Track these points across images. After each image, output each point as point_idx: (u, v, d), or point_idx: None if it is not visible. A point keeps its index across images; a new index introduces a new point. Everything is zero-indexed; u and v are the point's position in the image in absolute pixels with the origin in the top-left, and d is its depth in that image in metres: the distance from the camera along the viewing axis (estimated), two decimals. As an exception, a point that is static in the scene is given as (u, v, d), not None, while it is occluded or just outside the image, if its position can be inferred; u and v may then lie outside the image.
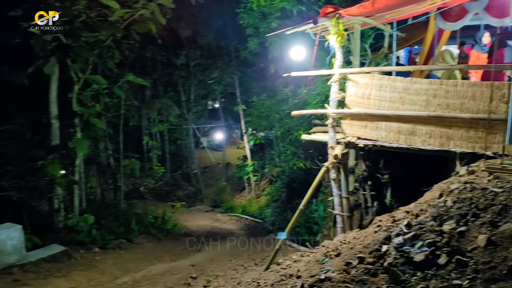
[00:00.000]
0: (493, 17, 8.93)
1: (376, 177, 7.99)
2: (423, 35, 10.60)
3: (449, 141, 5.94)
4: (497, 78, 6.91)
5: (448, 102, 5.86)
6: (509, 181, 4.55)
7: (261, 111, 12.87)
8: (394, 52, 10.16)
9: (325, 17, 6.53)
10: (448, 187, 4.90)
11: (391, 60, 9.98)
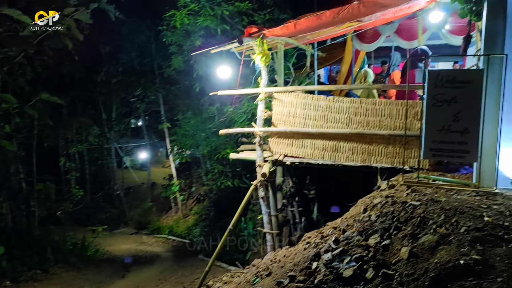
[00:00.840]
0: (403, 39, 9.68)
1: (303, 193, 8.14)
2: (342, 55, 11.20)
3: (370, 156, 6.23)
4: (411, 97, 7.43)
5: (368, 120, 6.17)
6: (425, 194, 4.83)
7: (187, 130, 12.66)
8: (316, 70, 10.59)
9: (250, 37, 6.62)
10: (372, 202, 5.09)
11: (313, 79, 10.37)
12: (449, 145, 5.02)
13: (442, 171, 5.84)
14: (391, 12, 6.66)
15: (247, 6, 9.84)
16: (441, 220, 4.05)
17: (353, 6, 6.29)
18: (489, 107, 4.88)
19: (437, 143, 5.06)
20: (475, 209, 4.24)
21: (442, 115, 4.99)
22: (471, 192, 4.87)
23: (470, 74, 4.99)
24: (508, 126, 4.91)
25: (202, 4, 9.73)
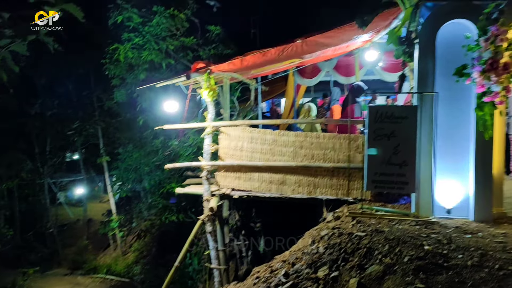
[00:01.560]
0: (341, 75, 10.22)
1: (250, 227, 8.13)
2: (283, 89, 11.59)
3: (316, 189, 6.40)
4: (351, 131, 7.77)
5: (313, 153, 6.36)
6: (370, 225, 5.02)
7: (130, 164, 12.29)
8: (259, 103, 10.83)
9: (197, 72, 6.67)
10: (319, 234, 5.19)
11: (257, 112, 10.59)
12: (390, 177, 5.30)
13: (383, 202, 6.11)
14: (330, 50, 7.02)
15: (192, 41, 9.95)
16: (385, 250, 4.21)
17: (296, 45, 6.59)
18: (424, 141, 5.23)
19: (379, 175, 5.32)
20: (416, 238, 4.46)
21: (383, 148, 5.27)
22: (411, 221, 5.12)
23: (406, 110, 5.34)
24: (441, 159, 5.28)
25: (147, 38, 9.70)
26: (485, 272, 3.65)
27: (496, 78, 4.74)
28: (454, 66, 5.02)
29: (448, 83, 5.16)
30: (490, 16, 4.81)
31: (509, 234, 4.64)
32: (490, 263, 3.80)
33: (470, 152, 5.19)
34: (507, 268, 3.68)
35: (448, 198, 5.26)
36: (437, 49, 5.22)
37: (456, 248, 4.18)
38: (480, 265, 3.78)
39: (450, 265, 3.81)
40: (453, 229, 4.79)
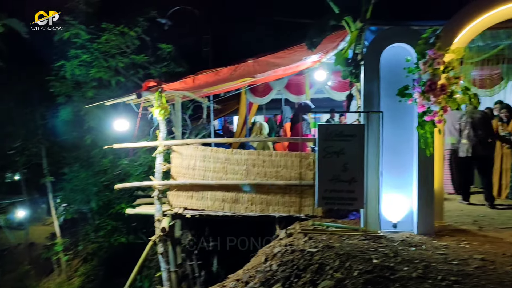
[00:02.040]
0: (292, 94, 10.50)
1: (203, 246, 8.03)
2: (236, 107, 11.72)
3: (268, 206, 6.47)
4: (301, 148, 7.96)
5: (266, 171, 6.44)
6: (321, 241, 5.12)
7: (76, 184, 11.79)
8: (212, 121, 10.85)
9: (148, 90, 6.61)
10: (272, 251, 5.23)
11: (210, 130, 10.59)
12: (339, 193, 5.45)
13: (334, 218, 6.27)
14: (281, 70, 7.20)
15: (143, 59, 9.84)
16: (336, 265, 4.31)
17: (248, 64, 6.71)
18: (371, 158, 5.45)
19: (329, 192, 5.47)
20: (365, 253, 4.60)
21: (332, 165, 5.43)
22: (360, 236, 5.28)
23: (354, 129, 5.56)
24: (388, 175, 5.51)
25: (95, 55, 9.49)
26: (429, 283, 3.82)
27: (435, 99, 5.06)
28: (397, 87, 5.31)
29: (392, 103, 5.43)
30: (428, 41, 5.16)
31: (450, 246, 4.91)
32: (433, 275, 3.98)
33: (414, 168, 5.46)
34: (448, 279, 3.88)
35: (394, 212, 5.48)
36: (381, 70, 5.49)
37: (402, 260, 4.35)
38: (424, 277, 3.95)
39: (396, 277, 3.95)
40: (399, 243, 4.99)
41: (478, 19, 5.33)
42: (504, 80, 8.26)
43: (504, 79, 8.24)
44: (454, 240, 5.15)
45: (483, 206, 7.22)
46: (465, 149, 7.21)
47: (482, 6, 5.29)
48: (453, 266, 4.22)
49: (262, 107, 12.94)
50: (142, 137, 8.58)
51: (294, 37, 6.69)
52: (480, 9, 5.29)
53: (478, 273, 4.05)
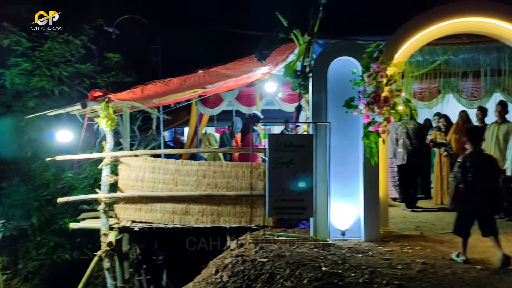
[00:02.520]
0: (243, 105, 10.57)
1: (152, 260, 7.84)
2: (186, 118, 11.61)
3: (219, 217, 6.43)
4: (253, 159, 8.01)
5: (216, 182, 6.41)
6: (272, 250, 5.16)
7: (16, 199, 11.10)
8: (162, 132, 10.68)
9: (94, 100, 6.42)
10: (223, 262, 5.19)
11: (159, 141, 10.41)
12: (289, 203, 5.52)
13: (284, 227, 6.33)
14: (232, 81, 7.25)
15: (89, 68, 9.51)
16: (287, 274, 4.35)
17: (199, 75, 6.70)
18: (320, 167, 5.58)
19: (280, 202, 5.52)
20: (314, 261, 4.68)
21: (282, 176, 5.50)
22: (310, 244, 5.37)
23: (303, 139, 5.67)
24: (336, 184, 5.66)
25: (37, 64, 9.06)
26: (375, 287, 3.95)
27: (379, 110, 5.28)
28: (344, 98, 5.49)
29: (339, 114, 5.61)
30: (372, 55, 5.39)
31: (394, 251, 5.10)
32: (378, 279, 4.12)
33: (360, 177, 5.65)
34: (393, 283, 4.03)
35: (342, 220, 5.63)
36: (329, 82, 5.66)
37: (350, 267, 4.47)
38: (370, 282, 4.08)
39: (344, 283, 4.05)
40: (347, 250, 5.12)
41: (417, 35, 5.66)
42: (442, 93, 8.77)
43: (441, 93, 8.75)
44: (398, 245, 5.36)
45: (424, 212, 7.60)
46: (401, 158, 7.73)
47: (419, 24, 5.62)
48: (397, 271, 4.38)
49: (213, 118, 12.93)
50: (87, 148, 8.28)
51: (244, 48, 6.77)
52: (418, 27, 5.62)
53: (420, 276, 4.24)
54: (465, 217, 4.79)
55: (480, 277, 4.23)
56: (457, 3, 5.58)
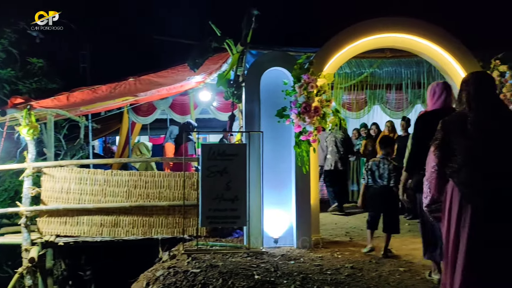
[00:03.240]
0: (177, 114, 10.41)
1: (79, 275, 7.44)
2: (117, 126, 11.21)
3: (151, 229, 6.25)
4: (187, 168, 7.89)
5: (148, 192, 6.24)
6: (205, 261, 5.09)
7: None
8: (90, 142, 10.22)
9: (14, 107, 6.00)
10: (154, 275, 5.03)
11: (87, 150, 9.95)
12: (223, 212, 5.49)
13: (218, 237, 6.29)
14: (165, 89, 7.12)
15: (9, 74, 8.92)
16: (219, 284, 4.31)
17: (129, 82, 6.50)
18: (253, 176, 5.61)
19: (213, 211, 5.47)
20: (247, 269, 4.69)
21: (216, 185, 5.47)
22: (243, 253, 5.37)
23: (236, 148, 5.69)
24: (269, 192, 5.73)
25: (-49, 68, 8.37)
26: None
27: (309, 120, 5.45)
28: (276, 108, 5.60)
29: (272, 123, 5.70)
30: (303, 66, 5.56)
31: (325, 257, 5.24)
32: (309, 285, 4.21)
33: (292, 185, 5.76)
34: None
35: (275, 228, 5.70)
36: (262, 92, 5.74)
37: (282, 274, 4.52)
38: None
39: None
40: (280, 257, 5.19)
41: (344, 49, 5.91)
42: (368, 104, 9.25)
43: (368, 103, 9.22)
44: (328, 251, 5.52)
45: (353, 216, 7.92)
46: (329, 164, 8.24)
47: (347, 37, 5.88)
48: (327, 276, 4.50)
49: (147, 127, 12.62)
50: (7, 158, 7.72)
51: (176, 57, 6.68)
52: (345, 40, 5.87)
53: (349, 280, 4.39)
54: (371, 215, 5.45)
55: (404, 278, 4.45)
56: (381, 19, 5.90)
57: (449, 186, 2.94)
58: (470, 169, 2.78)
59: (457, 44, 5.95)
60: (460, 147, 2.84)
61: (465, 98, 2.92)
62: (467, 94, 2.92)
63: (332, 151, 8.20)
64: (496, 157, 2.75)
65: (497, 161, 2.75)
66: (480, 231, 2.74)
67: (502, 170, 2.75)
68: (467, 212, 2.79)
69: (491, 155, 2.76)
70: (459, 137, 2.85)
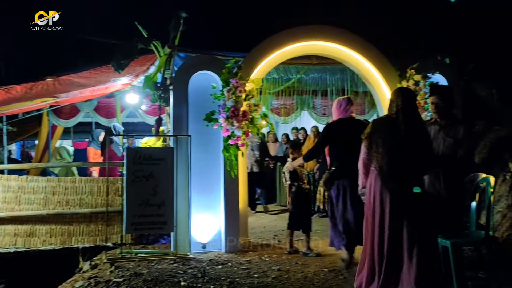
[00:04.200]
0: (102, 117, 9.97)
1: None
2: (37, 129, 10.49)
3: (71, 237, 5.92)
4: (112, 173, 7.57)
5: (68, 199, 5.91)
6: (129, 269, 4.90)
7: None
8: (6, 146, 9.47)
9: None
10: (73, 286, 4.77)
11: (3, 155, 9.22)
12: (149, 218, 5.34)
13: (144, 244, 6.10)
14: (89, 91, 6.78)
15: None
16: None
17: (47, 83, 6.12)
18: (181, 181, 5.52)
19: (138, 217, 5.30)
20: (173, 276, 4.58)
21: (142, 190, 5.30)
22: (170, 260, 5.25)
23: (163, 152, 5.56)
24: (197, 197, 5.66)
25: None
26: (233, 298, 4.02)
27: (238, 124, 5.46)
28: (205, 112, 5.56)
29: (200, 127, 5.64)
30: (231, 70, 5.57)
31: (253, 260, 5.27)
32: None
33: (221, 190, 5.73)
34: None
35: (203, 234, 5.63)
36: (190, 96, 5.67)
37: (209, 280, 4.47)
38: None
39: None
40: (207, 262, 5.13)
41: (272, 54, 6.01)
42: (297, 109, 9.49)
43: (297, 109, 9.46)
44: (256, 254, 5.55)
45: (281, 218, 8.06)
46: (248, 167, 8.37)
47: (274, 43, 5.99)
48: (254, 279, 4.52)
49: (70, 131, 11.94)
50: None
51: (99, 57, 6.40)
52: (273, 46, 5.98)
53: (275, 282, 4.44)
54: (291, 215, 5.68)
55: (328, 278, 4.58)
56: (306, 27, 6.08)
57: (372, 173, 3.72)
58: (390, 160, 3.57)
59: (377, 54, 6.30)
60: (384, 143, 3.62)
61: (395, 107, 3.69)
62: (396, 105, 3.68)
63: (249, 155, 8.34)
64: (409, 152, 3.59)
65: (409, 155, 3.58)
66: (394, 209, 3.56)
67: (412, 161, 3.59)
68: (386, 193, 3.59)
69: (405, 151, 3.58)
70: (384, 135, 3.64)
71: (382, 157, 3.59)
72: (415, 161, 3.61)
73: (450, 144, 3.97)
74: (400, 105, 3.66)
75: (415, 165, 3.62)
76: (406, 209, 3.55)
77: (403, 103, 3.66)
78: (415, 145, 3.62)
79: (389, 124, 3.68)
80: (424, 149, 3.72)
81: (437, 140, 4.05)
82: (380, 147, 3.62)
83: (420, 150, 3.66)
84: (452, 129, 4.03)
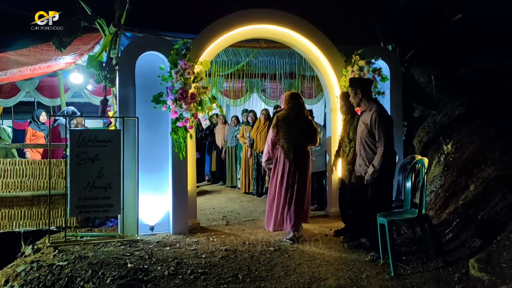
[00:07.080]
0: (45, 96, 9.57)
1: None
2: (-27, 110, 9.91)
3: (12, 221, 5.72)
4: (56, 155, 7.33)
5: (8, 181, 5.68)
6: (73, 252, 4.83)
7: None
8: None
9: None
10: (14, 271, 4.64)
11: None
12: (95, 200, 5.25)
13: (90, 227, 6.00)
14: (29, 69, 6.48)
15: None
16: (88, 275, 4.13)
17: (-18, 60, 5.77)
18: (128, 163, 5.45)
19: (83, 200, 5.20)
20: (120, 258, 4.56)
21: (87, 172, 5.19)
22: (116, 242, 5.21)
23: (110, 134, 5.45)
24: (145, 179, 5.62)
25: None
26: (179, 278, 4.08)
27: (186, 106, 5.45)
28: (152, 93, 5.48)
29: (148, 109, 5.56)
30: (180, 52, 5.51)
31: (201, 241, 5.35)
32: (183, 270, 4.27)
33: (169, 172, 5.72)
34: (197, 272, 4.22)
35: (151, 216, 5.63)
36: (137, 76, 5.56)
37: (156, 261, 4.51)
38: (175, 273, 4.19)
39: (149, 278, 4.07)
40: (155, 244, 5.15)
41: (221, 37, 5.98)
42: (248, 92, 9.54)
43: (247, 91, 9.51)
44: (205, 235, 5.63)
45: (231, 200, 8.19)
46: None
47: (223, 26, 5.96)
48: (202, 259, 4.61)
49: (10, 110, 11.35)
50: None
51: (38, 34, 6.09)
52: (221, 29, 5.95)
53: (222, 262, 4.55)
54: None
55: (273, 257, 4.75)
56: (253, 10, 6.09)
57: (278, 150, 5.46)
58: (288, 140, 5.32)
59: (324, 39, 6.45)
60: (285, 130, 5.33)
61: (290, 107, 5.39)
62: (291, 105, 5.40)
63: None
64: (298, 136, 5.35)
65: (299, 138, 5.36)
66: (291, 170, 5.35)
67: (300, 141, 5.38)
68: (286, 162, 5.34)
69: (297, 135, 5.33)
70: (284, 124, 5.34)
71: (284, 139, 5.32)
72: (302, 141, 5.40)
73: (363, 128, 4.66)
74: (292, 105, 5.38)
75: (302, 143, 5.40)
76: (298, 170, 5.34)
77: (293, 103, 5.39)
78: (301, 130, 5.37)
79: (286, 117, 5.35)
80: (306, 132, 5.43)
81: (359, 125, 4.81)
82: (282, 133, 5.33)
83: (304, 133, 5.40)
84: (366, 116, 4.66)
